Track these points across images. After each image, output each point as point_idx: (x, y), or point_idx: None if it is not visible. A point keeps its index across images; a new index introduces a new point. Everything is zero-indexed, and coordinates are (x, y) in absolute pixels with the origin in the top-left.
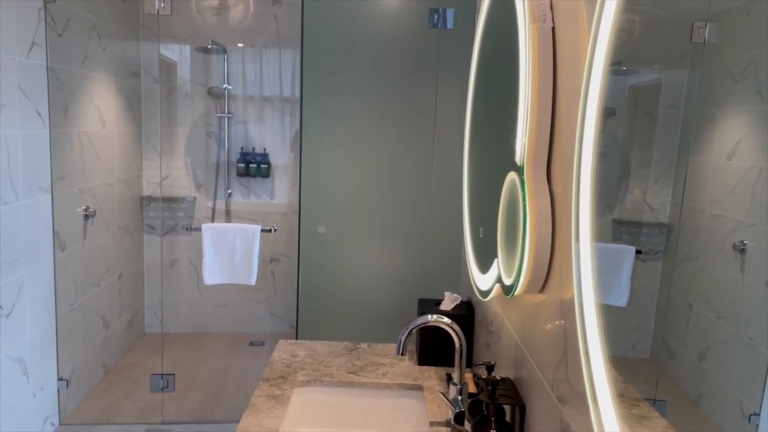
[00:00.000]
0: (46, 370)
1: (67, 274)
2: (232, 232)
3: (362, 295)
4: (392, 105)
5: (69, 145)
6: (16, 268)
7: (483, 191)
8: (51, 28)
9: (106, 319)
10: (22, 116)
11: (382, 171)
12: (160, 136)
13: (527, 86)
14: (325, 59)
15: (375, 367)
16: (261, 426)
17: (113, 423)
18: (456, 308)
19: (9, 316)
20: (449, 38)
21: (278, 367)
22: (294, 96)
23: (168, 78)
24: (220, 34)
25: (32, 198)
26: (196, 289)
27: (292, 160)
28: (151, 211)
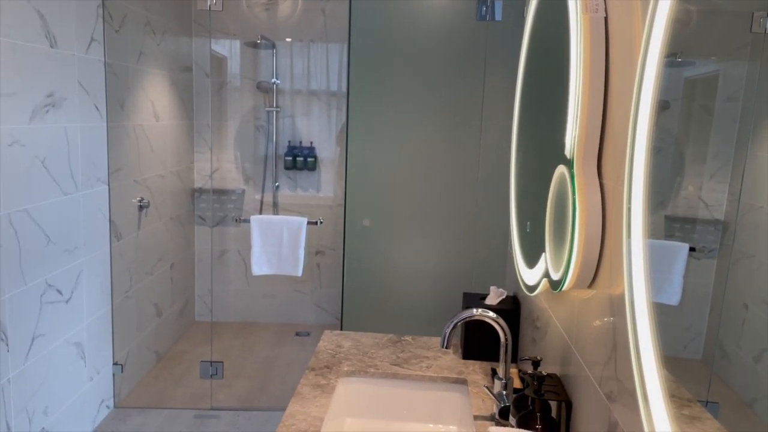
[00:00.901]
0: (102, 355)
1: (123, 262)
2: (280, 224)
3: (406, 289)
4: (439, 98)
5: (125, 138)
6: (75, 255)
7: (531, 185)
8: (108, 24)
9: (159, 306)
10: (81, 110)
11: (427, 164)
12: (211, 129)
13: (578, 78)
14: (372, 53)
15: (419, 360)
16: (307, 414)
17: (164, 407)
18: (501, 303)
19: (68, 302)
20: (497, 30)
21: (324, 357)
22: (341, 90)
23: (218, 72)
24: (269, 29)
25: (90, 189)
26: (244, 279)
27: (338, 153)
28: (201, 203)
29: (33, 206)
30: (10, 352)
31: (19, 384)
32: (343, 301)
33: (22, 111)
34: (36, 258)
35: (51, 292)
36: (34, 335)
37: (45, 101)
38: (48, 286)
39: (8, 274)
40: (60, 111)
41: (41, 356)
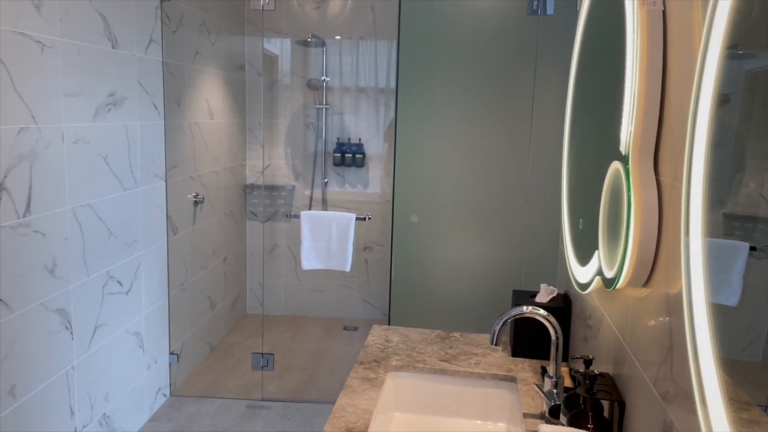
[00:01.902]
0: (159, 345)
1: (179, 256)
2: (329, 220)
3: (454, 285)
4: (488, 94)
5: (181, 136)
6: (134, 249)
7: (584, 181)
8: (166, 25)
9: (212, 299)
10: (140, 108)
11: (476, 161)
12: (263, 127)
13: (634, 72)
14: (421, 49)
15: (467, 357)
16: (356, 407)
17: (218, 397)
18: (552, 301)
19: (128, 293)
20: (549, 24)
21: (372, 351)
22: (389, 87)
23: (270, 71)
24: (319, 27)
25: (149, 185)
26: (294, 273)
27: (386, 150)
28: (253, 199)
29: (96, 201)
30: (74, 340)
31: (83, 371)
32: (390, 297)
33: (86, 110)
34: (98, 250)
35: (112, 284)
36: (96, 324)
37: (107, 100)
38: (109, 277)
39: (73, 266)
40: (121, 109)
41: (103, 345)
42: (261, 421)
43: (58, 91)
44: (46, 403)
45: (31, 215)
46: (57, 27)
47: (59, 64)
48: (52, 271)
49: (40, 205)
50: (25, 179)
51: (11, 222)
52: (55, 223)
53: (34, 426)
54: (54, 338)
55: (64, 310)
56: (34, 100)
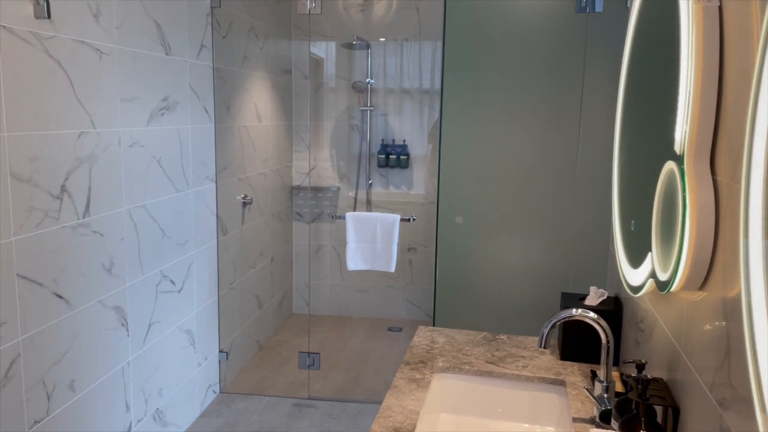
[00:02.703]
0: (209, 342)
1: (228, 256)
2: (374, 221)
3: (500, 287)
4: (535, 94)
5: (230, 138)
6: (186, 249)
7: (636, 182)
8: (216, 31)
9: (260, 298)
10: (192, 112)
11: (522, 161)
12: (309, 129)
13: (690, 70)
14: (466, 49)
15: (515, 359)
16: (403, 407)
17: (265, 394)
18: (602, 304)
19: (180, 292)
20: (598, 22)
21: (418, 352)
22: (433, 88)
23: (315, 74)
24: (364, 29)
25: (200, 186)
26: (339, 274)
27: (429, 151)
28: (299, 200)
29: (150, 202)
30: (129, 337)
31: (138, 367)
32: (435, 298)
33: (141, 114)
34: (152, 250)
35: (165, 282)
36: (150, 322)
37: (161, 105)
38: (163, 276)
39: (129, 265)
40: (174, 114)
41: (156, 341)
42: (307, 419)
43: (115, 96)
44: (103, 397)
45: (90, 216)
46: (114, 35)
47: (116, 70)
48: (109, 270)
49: (98, 207)
50: (84, 182)
51: (72, 222)
52: (112, 224)
53: (92, 420)
54: (111, 335)
55: (121, 307)
56: (93, 105)
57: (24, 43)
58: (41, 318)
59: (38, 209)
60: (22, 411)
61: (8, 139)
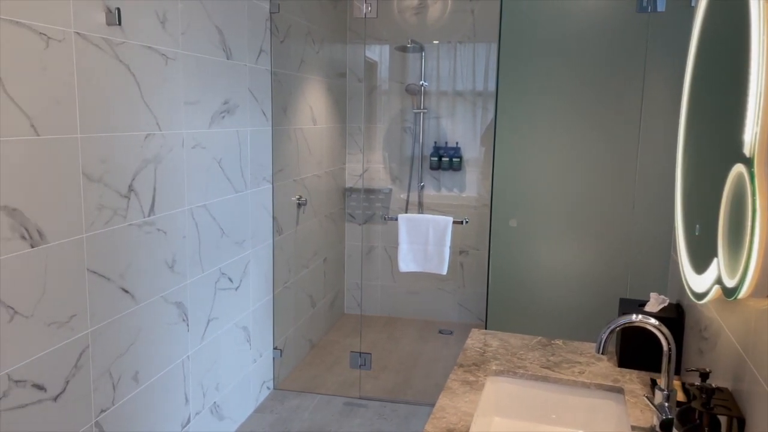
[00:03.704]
0: (264, 340)
1: (283, 255)
2: (426, 223)
3: (555, 292)
4: (594, 96)
5: (286, 141)
6: (243, 247)
7: (701, 185)
8: (275, 36)
9: (313, 298)
10: (251, 115)
11: (580, 164)
12: (362, 132)
13: (760, 70)
14: (522, 50)
15: (571, 365)
16: (457, 409)
17: (317, 392)
18: (663, 310)
19: (237, 289)
20: (660, 22)
21: (472, 355)
22: (487, 90)
23: (369, 77)
24: (419, 32)
25: (257, 187)
26: (390, 275)
27: (482, 153)
28: (351, 201)
29: (210, 202)
30: (189, 332)
31: (197, 361)
32: (487, 302)
33: (203, 117)
34: (212, 248)
35: (224, 280)
36: (209, 318)
37: (221, 108)
38: (221, 274)
39: (190, 262)
40: (233, 116)
41: (214, 337)
42: (359, 418)
43: (179, 99)
44: (164, 389)
45: (155, 215)
46: (179, 40)
47: (180, 74)
48: (171, 267)
49: (162, 206)
50: (150, 181)
51: (138, 221)
52: (175, 222)
53: (154, 411)
54: (172, 329)
55: (182, 303)
56: (159, 108)
57: (96, 49)
58: (109, 311)
59: (107, 207)
60: (90, 400)
61: (81, 141)
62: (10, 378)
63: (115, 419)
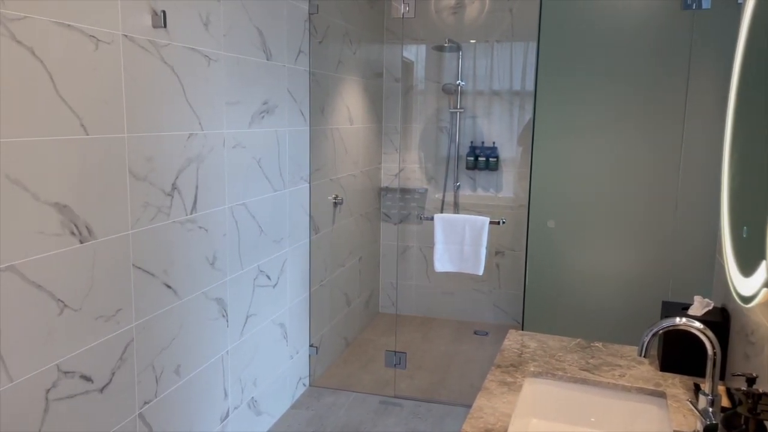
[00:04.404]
0: (301, 337)
1: (319, 254)
2: (462, 223)
3: (594, 294)
4: (635, 94)
5: (323, 141)
6: (281, 246)
7: (750, 185)
8: (313, 36)
9: (348, 296)
10: (289, 115)
11: (621, 165)
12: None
13: None
14: (562, 49)
15: (611, 368)
16: (494, 409)
17: (352, 390)
18: (708, 314)
19: (275, 287)
20: (706, 20)
21: (509, 356)
22: (524, 89)
23: (405, 77)
24: (456, 32)
25: (295, 186)
26: (425, 275)
27: (519, 153)
28: (387, 201)
29: (250, 201)
30: (229, 328)
31: (236, 356)
32: (524, 303)
33: (243, 117)
34: (251, 246)
35: (262, 277)
36: (248, 314)
37: (261, 108)
38: (260, 271)
39: (230, 259)
40: (273, 116)
41: (253, 333)
42: (394, 417)
43: (221, 100)
44: (204, 383)
45: (197, 212)
46: (221, 42)
47: (222, 75)
48: (212, 264)
49: (204, 204)
50: (192, 180)
51: (181, 218)
52: (215, 220)
53: (194, 404)
54: (213, 325)
55: (222, 299)
56: (201, 108)
57: (143, 51)
58: (152, 306)
59: (152, 205)
60: (134, 392)
61: (128, 140)
62: (60, 369)
63: (157, 411)
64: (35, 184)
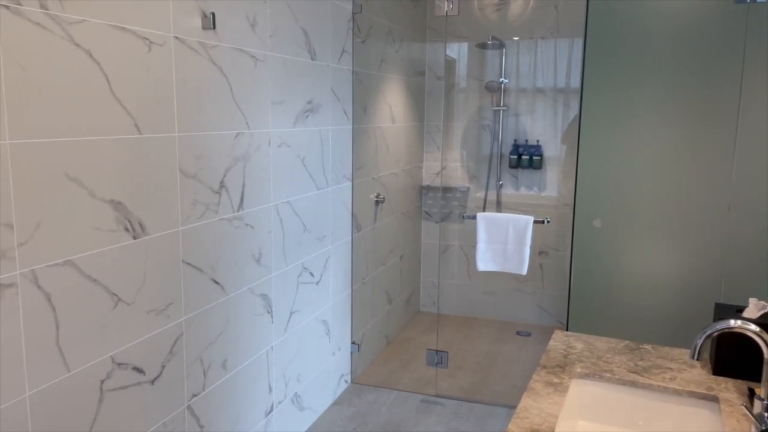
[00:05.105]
0: (343, 334)
1: (361, 252)
2: (505, 222)
3: (642, 295)
4: (686, 91)
5: (366, 139)
6: (324, 243)
7: None
8: (356, 36)
9: (389, 294)
10: (333, 114)
11: (670, 164)
12: (440, 130)
13: None
14: (609, 45)
15: (661, 371)
16: (540, 410)
17: (394, 388)
18: (764, 317)
19: (318, 284)
20: (761, 13)
21: (555, 356)
22: (569, 86)
23: (447, 75)
24: (499, 29)
25: (338, 185)
26: (466, 274)
27: (564, 151)
28: (428, 200)
29: (294, 198)
30: (273, 323)
31: (280, 352)
32: (569, 304)
33: (289, 116)
34: (295, 243)
35: (305, 274)
36: (291, 310)
37: (305, 107)
38: (303, 268)
39: (275, 256)
40: (317, 116)
41: (296, 329)
42: (435, 416)
43: (267, 99)
44: (250, 378)
45: (243, 210)
46: (267, 42)
47: (268, 75)
48: (258, 260)
49: (250, 201)
50: (239, 178)
51: (228, 215)
52: (261, 218)
53: (240, 398)
54: (258, 320)
55: (267, 295)
56: (248, 108)
57: (193, 52)
58: (201, 301)
59: (201, 202)
60: (183, 384)
61: (179, 139)
62: (114, 360)
63: (205, 404)
64: (92, 182)
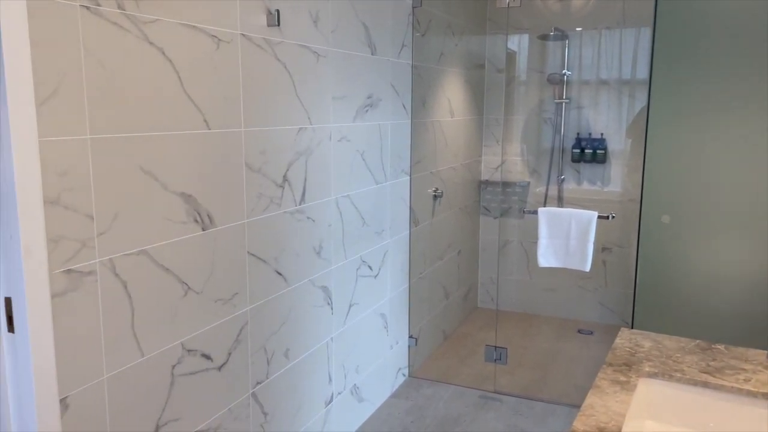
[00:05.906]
0: (400, 327)
1: (419, 246)
2: (568, 217)
3: (713, 294)
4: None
5: (424, 133)
6: (382, 237)
7: None
8: (416, 30)
9: (447, 290)
10: (392, 109)
11: (743, 156)
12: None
13: None
14: (680, 35)
15: (735, 372)
16: (607, 408)
17: (451, 383)
18: None
19: (376, 277)
20: None
21: (621, 354)
22: (635, 78)
23: (508, 67)
24: (562, 20)
25: (396, 179)
26: (526, 270)
27: (629, 145)
28: (487, 195)
29: (354, 192)
30: (333, 315)
31: (339, 343)
32: (634, 302)
33: (349, 111)
34: (354, 237)
35: (364, 267)
36: (350, 303)
37: (365, 102)
38: (362, 261)
39: (335, 249)
40: (376, 110)
41: (355, 321)
42: (493, 412)
43: (328, 95)
44: (311, 367)
45: (305, 203)
46: (329, 38)
47: (330, 71)
48: (318, 253)
49: (312, 195)
50: (301, 172)
51: (291, 209)
52: (322, 211)
53: (301, 387)
54: (318, 312)
55: (327, 287)
56: (310, 103)
57: (258, 49)
58: (265, 291)
59: (265, 196)
60: (247, 371)
61: (245, 134)
62: (184, 347)
63: (268, 391)
64: (164, 175)
